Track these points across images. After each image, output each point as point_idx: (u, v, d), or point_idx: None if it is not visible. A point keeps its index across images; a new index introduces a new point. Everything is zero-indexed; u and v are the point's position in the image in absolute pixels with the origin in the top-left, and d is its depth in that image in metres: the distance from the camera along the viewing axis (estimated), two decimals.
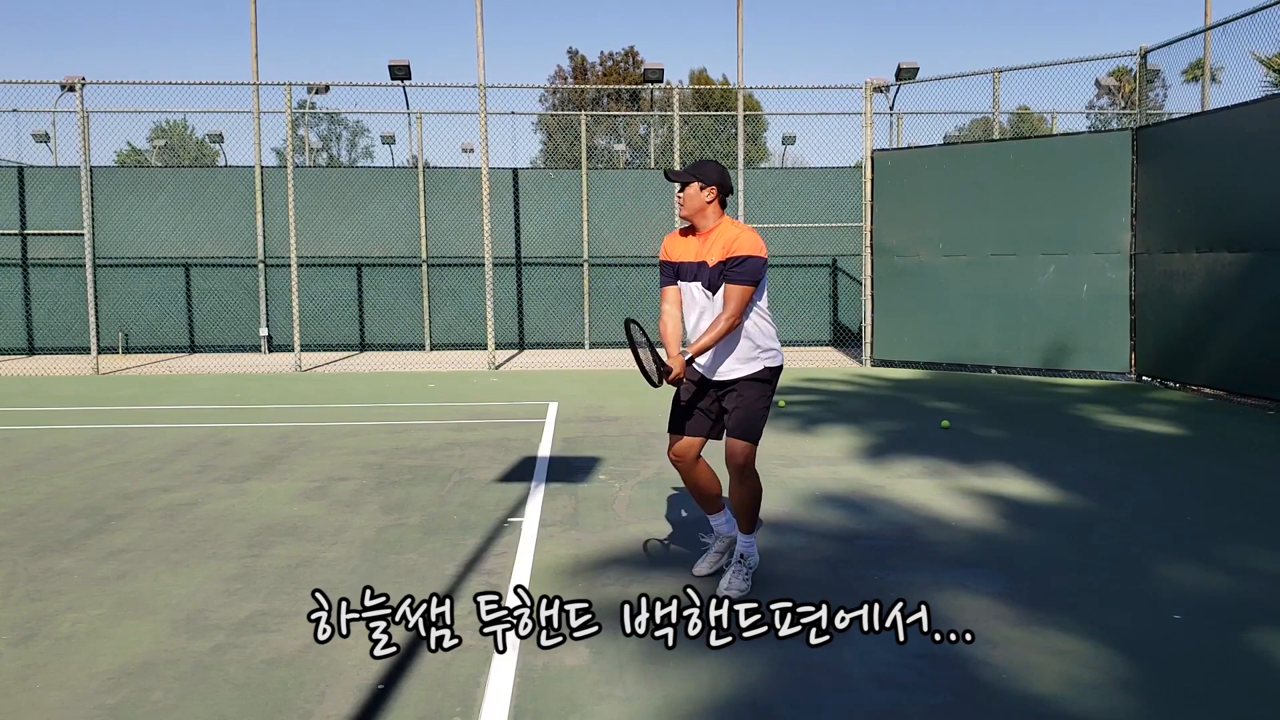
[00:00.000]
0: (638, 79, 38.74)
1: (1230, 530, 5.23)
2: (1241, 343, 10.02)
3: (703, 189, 4.24)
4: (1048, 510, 5.69)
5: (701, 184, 4.24)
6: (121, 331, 16.43)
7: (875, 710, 3.17)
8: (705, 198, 4.24)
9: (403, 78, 15.87)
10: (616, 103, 35.79)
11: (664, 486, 6.29)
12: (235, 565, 4.72)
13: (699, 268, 4.22)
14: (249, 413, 9.89)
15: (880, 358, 13.81)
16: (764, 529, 5.25)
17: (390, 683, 3.38)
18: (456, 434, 8.38)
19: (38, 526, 5.47)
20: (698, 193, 4.23)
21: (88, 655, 3.63)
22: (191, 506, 5.92)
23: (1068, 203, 12.19)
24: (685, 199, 4.26)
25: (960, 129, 29.75)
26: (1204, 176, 10.57)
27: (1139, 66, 12.23)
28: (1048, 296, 12.42)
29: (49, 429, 8.94)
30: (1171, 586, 4.33)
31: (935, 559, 4.75)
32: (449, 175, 17.01)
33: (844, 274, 17.28)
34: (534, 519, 5.52)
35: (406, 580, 4.46)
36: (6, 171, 16.38)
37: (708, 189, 4.24)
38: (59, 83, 14.13)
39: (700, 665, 3.50)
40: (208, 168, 18.75)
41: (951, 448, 7.58)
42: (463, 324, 16.88)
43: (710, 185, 4.24)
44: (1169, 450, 7.58)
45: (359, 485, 6.45)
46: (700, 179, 4.24)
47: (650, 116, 25.38)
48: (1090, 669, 3.45)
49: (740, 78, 15.30)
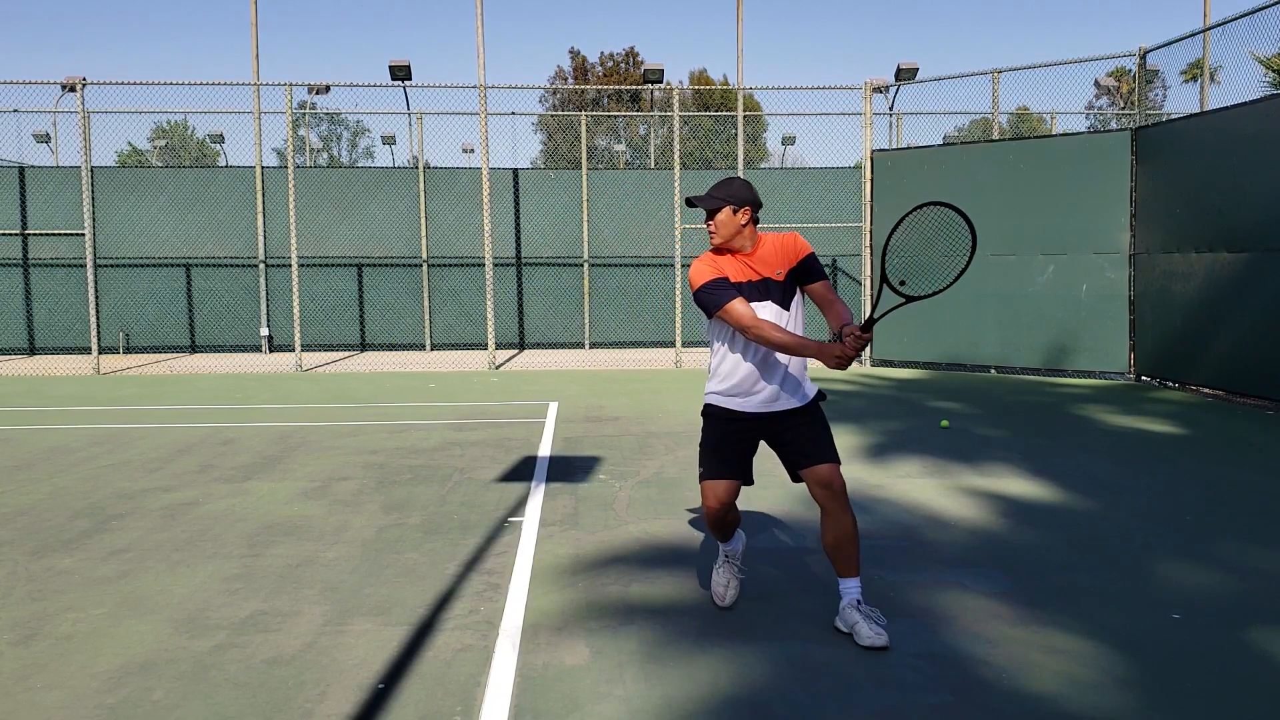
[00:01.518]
0: (638, 79, 38.75)
1: (1230, 530, 5.23)
2: (1241, 343, 10.02)
3: (736, 211, 3.77)
4: (1047, 510, 5.70)
5: (734, 206, 3.77)
6: (122, 331, 16.43)
7: (875, 710, 3.17)
8: (740, 221, 3.77)
9: (403, 78, 15.87)
10: (617, 103, 35.80)
11: (664, 486, 6.29)
12: (235, 565, 4.72)
13: (765, 286, 3.77)
14: (249, 413, 9.89)
15: (880, 358, 13.82)
16: (763, 528, 5.26)
17: (390, 682, 3.39)
18: (457, 434, 8.39)
19: (38, 526, 5.48)
20: (731, 217, 3.76)
21: (88, 655, 3.63)
22: (192, 506, 5.92)
23: (1067, 203, 12.20)
24: (717, 226, 3.78)
25: (960, 129, 29.78)
26: (1203, 177, 10.58)
27: (1138, 67, 12.24)
28: (1047, 296, 12.42)
29: (49, 429, 8.94)
30: (1171, 586, 4.33)
31: (935, 559, 4.75)
32: (449, 175, 17.02)
33: (844, 274, 17.28)
34: (534, 519, 5.53)
35: (406, 580, 4.46)
36: (7, 171, 16.38)
37: (741, 210, 3.77)
38: (60, 83, 14.13)
39: (700, 665, 3.51)
40: (208, 168, 18.76)
41: (951, 447, 7.58)
42: (463, 324, 16.88)
43: (744, 206, 3.77)
44: (1168, 450, 7.58)
45: (359, 485, 6.45)
46: (731, 201, 3.77)
47: (650, 117, 25.38)
48: (1090, 668, 3.46)
49: (740, 78, 15.31)
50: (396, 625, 3.90)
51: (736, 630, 3.82)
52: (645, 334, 17.14)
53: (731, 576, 4.11)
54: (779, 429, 3.86)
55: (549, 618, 3.97)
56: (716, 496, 3.83)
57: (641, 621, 3.90)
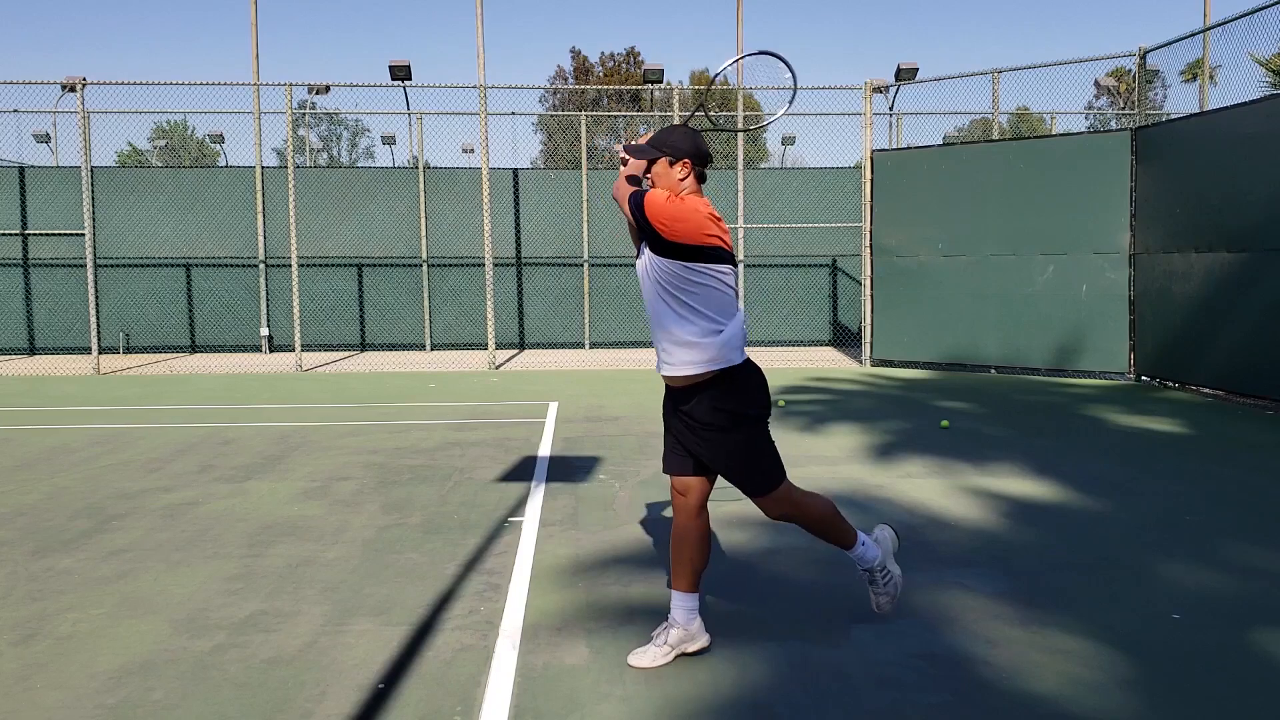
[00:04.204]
0: (639, 80, 38.75)
1: (1230, 530, 5.23)
2: (1241, 343, 10.02)
3: (673, 164, 3.39)
4: (1047, 510, 5.70)
5: (671, 158, 3.39)
6: (122, 331, 16.43)
7: (875, 710, 3.17)
8: (677, 174, 3.39)
9: (403, 78, 15.87)
10: (617, 103, 35.80)
11: (664, 486, 6.29)
12: (236, 565, 4.72)
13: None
14: (249, 412, 9.89)
15: (880, 358, 13.82)
16: (763, 528, 5.24)
17: (390, 682, 3.38)
18: (457, 434, 8.39)
19: (38, 526, 5.47)
20: (667, 169, 3.39)
21: (88, 655, 3.63)
22: (192, 506, 5.92)
23: (1067, 203, 12.20)
24: (655, 179, 3.41)
25: (960, 129, 29.78)
26: (1203, 177, 10.57)
27: (1138, 67, 12.23)
28: (1047, 296, 12.42)
29: (50, 429, 8.94)
30: (1172, 586, 4.33)
31: (936, 558, 4.75)
32: (449, 175, 17.02)
33: (844, 274, 17.28)
34: (534, 519, 5.52)
35: (406, 580, 4.46)
36: (7, 171, 16.38)
37: (679, 163, 3.39)
38: (60, 83, 14.13)
39: (700, 665, 3.51)
40: (208, 168, 18.76)
41: (951, 447, 7.58)
42: (463, 324, 16.88)
43: (682, 158, 3.39)
44: (1168, 450, 7.58)
45: (359, 485, 6.45)
46: (668, 151, 3.38)
47: (650, 117, 25.38)
48: (1091, 668, 3.45)
49: (740, 78, 15.31)
50: (396, 625, 3.90)
51: (737, 630, 3.82)
52: (645, 334, 17.12)
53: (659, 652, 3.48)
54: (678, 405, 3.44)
55: (549, 618, 3.97)
56: (674, 490, 3.50)
57: (641, 621, 3.90)
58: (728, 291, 3.37)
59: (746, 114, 15.24)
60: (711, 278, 3.32)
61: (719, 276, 3.33)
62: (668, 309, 3.37)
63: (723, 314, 3.35)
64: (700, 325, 3.33)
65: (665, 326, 3.39)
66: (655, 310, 3.41)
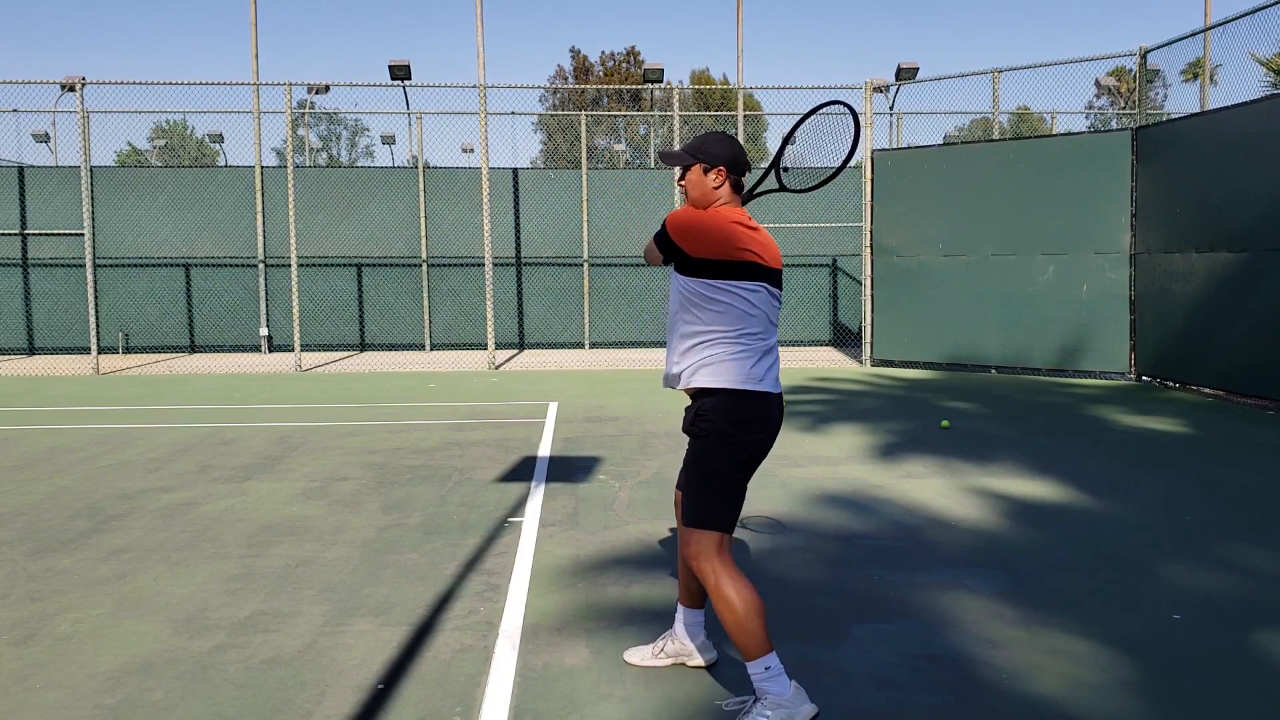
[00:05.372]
0: (639, 79, 38.76)
1: (1231, 530, 5.22)
2: (1241, 343, 10.01)
3: (707, 171, 3.23)
4: (1048, 510, 5.69)
5: (706, 164, 3.23)
6: (122, 331, 16.42)
7: (875, 710, 3.16)
8: (711, 182, 3.23)
9: (403, 78, 15.87)
10: (617, 103, 35.79)
11: (664, 486, 6.28)
12: (235, 565, 4.72)
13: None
14: (249, 413, 9.88)
15: (880, 358, 13.81)
16: (763, 528, 5.24)
17: (390, 683, 3.38)
18: (456, 434, 8.38)
19: (38, 526, 5.47)
20: (700, 177, 3.23)
21: (88, 655, 3.63)
22: (191, 506, 5.91)
23: (1067, 203, 12.19)
24: (688, 186, 3.26)
25: (960, 129, 29.77)
26: (1203, 177, 10.57)
27: (1139, 66, 12.23)
28: (1047, 297, 12.41)
29: (49, 429, 8.94)
30: (1172, 586, 4.33)
31: (936, 559, 4.75)
32: (449, 175, 17.01)
33: (844, 274, 17.28)
34: (534, 519, 5.52)
35: (406, 580, 4.46)
36: (7, 171, 16.38)
37: (715, 170, 3.22)
38: (59, 83, 14.12)
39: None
40: (208, 168, 18.75)
41: (952, 447, 7.58)
42: (463, 324, 16.88)
43: (717, 165, 3.23)
44: (1169, 450, 7.58)
45: (359, 485, 6.45)
46: (703, 158, 3.22)
47: (650, 116, 25.38)
48: (1091, 669, 3.45)
49: (740, 78, 15.31)
50: (396, 625, 3.89)
51: None
52: (645, 334, 17.13)
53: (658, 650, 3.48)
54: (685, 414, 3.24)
55: (549, 618, 3.97)
56: (675, 502, 3.36)
57: (641, 621, 3.89)
58: (754, 311, 3.08)
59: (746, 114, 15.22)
60: (736, 295, 3.06)
61: (744, 295, 3.06)
62: (682, 320, 3.18)
63: (743, 334, 3.08)
64: (710, 338, 3.09)
65: (676, 332, 3.21)
66: (672, 321, 3.23)
